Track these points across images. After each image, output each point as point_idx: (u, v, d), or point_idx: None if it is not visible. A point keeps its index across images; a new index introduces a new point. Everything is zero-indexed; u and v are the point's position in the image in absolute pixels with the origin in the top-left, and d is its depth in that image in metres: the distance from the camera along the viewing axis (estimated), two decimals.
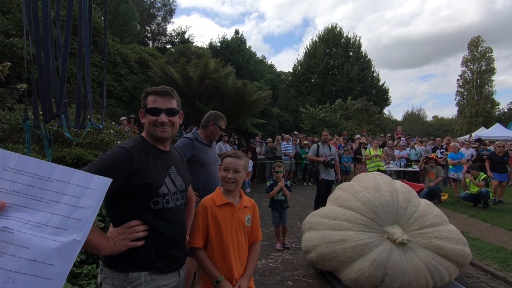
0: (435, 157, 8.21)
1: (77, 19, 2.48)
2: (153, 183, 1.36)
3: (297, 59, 29.86)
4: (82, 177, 1.02)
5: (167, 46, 28.27)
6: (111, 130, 4.63)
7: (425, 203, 3.27)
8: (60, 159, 3.71)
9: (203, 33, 68.59)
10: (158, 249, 1.38)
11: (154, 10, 30.01)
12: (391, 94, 28.92)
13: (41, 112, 2.42)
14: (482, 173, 7.24)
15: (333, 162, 5.94)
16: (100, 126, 2.60)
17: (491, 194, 7.06)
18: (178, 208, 1.49)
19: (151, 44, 28.12)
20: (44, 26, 2.20)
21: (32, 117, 2.47)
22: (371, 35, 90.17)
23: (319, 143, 6.31)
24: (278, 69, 37.76)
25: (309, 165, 6.38)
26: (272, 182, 4.46)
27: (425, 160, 8.18)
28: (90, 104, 2.39)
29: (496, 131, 18.84)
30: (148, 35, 29.57)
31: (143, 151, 1.40)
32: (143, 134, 1.51)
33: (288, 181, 4.51)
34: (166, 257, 1.41)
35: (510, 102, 37.64)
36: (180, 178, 1.54)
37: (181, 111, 1.58)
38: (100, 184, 1.04)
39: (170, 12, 30.75)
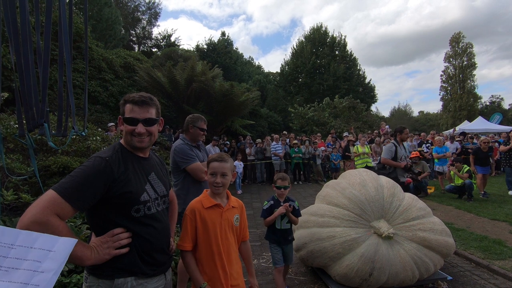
0: (417, 154, 8.41)
1: (58, 25, 2.46)
2: (133, 191, 1.36)
3: (284, 59, 30.06)
4: (47, 240, 1.00)
5: (153, 50, 28.05)
6: (97, 137, 4.57)
7: (409, 197, 3.36)
8: (45, 168, 3.65)
9: (192, 35, 68.63)
10: (142, 254, 1.38)
11: (139, 13, 29.73)
12: (378, 91, 29.49)
13: (24, 121, 2.39)
14: (465, 166, 7.46)
15: (415, 168, 4.85)
16: (83, 133, 2.57)
17: (474, 186, 7.29)
18: (160, 213, 1.50)
19: (136, 48, 27.84)
20: (23, 33, 2.17)
21: (16, 126, 2.43)
22: (356, 34, 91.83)
23: (395, 142, 4.98)
24: (268, 70, 38.11)
25: (382, 170, 5.02)
26: (272, 202, 2.96)
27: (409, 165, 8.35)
28: (73, 111, 2.37)
29: (479, 124, 19.48)
30: (133, 39, 29.26)
31: (122, 160, 1.39)
32: (122, 141, 1.49)
33: (295, 202, 3.05)
34: (150, 262, 1.42)
35: (492, 95, 39.00)
36: (160, 184, 1.54)
37: (162, 118, 1.58)
38: (65, 245, 1.02)
39: (155, 16, 30.54)
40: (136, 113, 1.41)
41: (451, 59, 37.21)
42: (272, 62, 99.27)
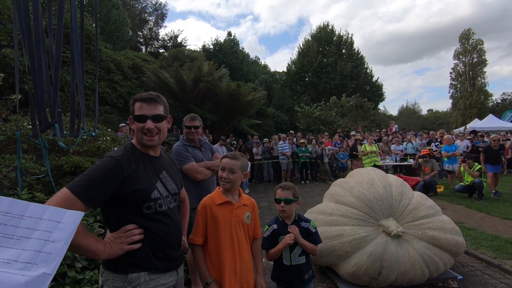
0: (428, 152, 8.32)
1: (69, 28, 2.52)
2: (143, 189, 1.40)
3: (290, 58, 30.03)
4: (55, 212, 1.05)
5: (160, 51, 28.30)
6: (107, 137, 4.66)
7: (418, 196, 3.34)
8: (58, 168, 3.74)
9: (200, 36, 69.15)
10: (154, 250, 1.43)
11: (146, 15, 30.02)
12: (386, 89, 29.23)
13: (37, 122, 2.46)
14: (476, 164, 7.34)
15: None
16: (93, 134, 2.63)
17: (484, 184, 7.17)
18: (172, 211, 1.54)
19: (143, 49, 28.12)
20: (36, 36, 2.23)
21: (29, 127, 2.50)
22: (364, 32, 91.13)
23: None
24: (275, 69, 38.06)
25: None
26: (275, 227, 2.17)
27: (418, 158, 8.35)
28: (83, 112, 2.43)
29: (490, 122, 19.07)
30: (141, 40, 29.56)
31: (133, 158, 1.44)
32: (133, 141, 1.53)
33: (311, 222, 2.22)
34: (163, 257, 1.46)
35: (503, 93, 38.09)
36: (172, 182, 1.58)
37: (170, 115, 1.61)
38: (73, 218, 1.07)
39: (161, 17, 30.80)
40: (145, 110, 1.46)
41: (460, 56, 36.54)
42: (279, 61, 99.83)
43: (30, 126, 2.53)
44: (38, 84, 2.30)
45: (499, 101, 37.45)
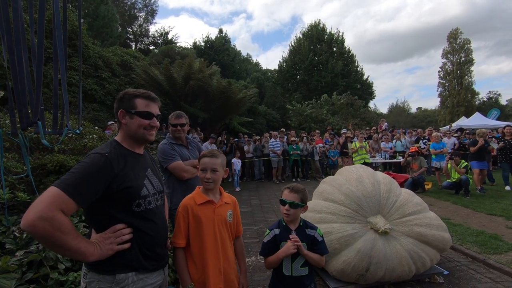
0: (416, 149, 8.44)
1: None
2: (133, 186, 1.38)
3: (282, 56, 30.05)
4: None
5: (150, 48, 27.93)
6: (94, 135, 4.56)
7: (405, 192, 3.38)
8: (41, 167, 3.63)
9: (193, 33, 68.61)
10: (144, 249, 1.40)
11: (135, 11, 29.55)
12: (377, 87, 29.56)
13: (18, 120, 2.38)
14: (463, 161, 7.48)
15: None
16: (77, 132, 2.56)
17: (471, 181, 7.32)
18: (159, 208, 1.53)
19: (133, 46, 27.69)
20: (15, 30, 2.15)
21: (10, 124, 2.41)
22: (356, 31, 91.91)
23: None
24: (268, 67, 38.11)
25: None
26: (277, 232, 1.99)
27: (407, 157, 8.45)
28: (66, 108, 2.36)
29: (476, 120, 19.51)
30: (130, 36, 29.09)
31: (120, 156, 1.41)
32: (117, 138, 1.51)
33: (317, 229, 2.05)
34: (151, 257, 1.44)
35: (489, 91, 39.06)
36: (156, 179, 1.57)
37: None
38: None
39: (152, 13, 30.38)
40: (151, 108, 1.50)
41: (448, 55, 37.26)
42: (272, 59, 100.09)
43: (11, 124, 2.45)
44: (18, 80, 2.23)
45: (485, 99, 38.40)
